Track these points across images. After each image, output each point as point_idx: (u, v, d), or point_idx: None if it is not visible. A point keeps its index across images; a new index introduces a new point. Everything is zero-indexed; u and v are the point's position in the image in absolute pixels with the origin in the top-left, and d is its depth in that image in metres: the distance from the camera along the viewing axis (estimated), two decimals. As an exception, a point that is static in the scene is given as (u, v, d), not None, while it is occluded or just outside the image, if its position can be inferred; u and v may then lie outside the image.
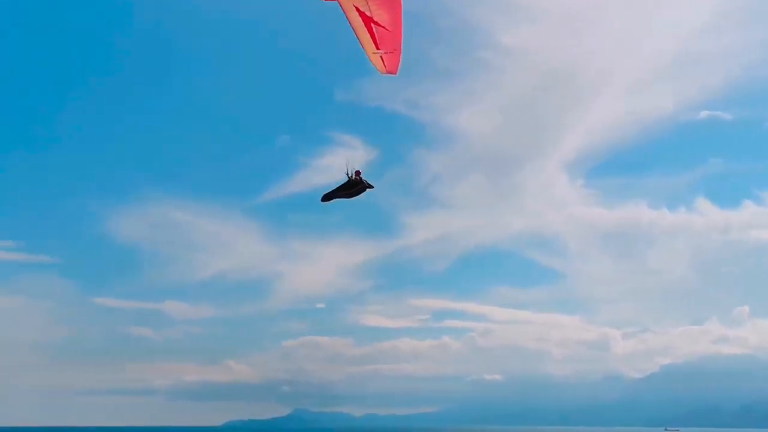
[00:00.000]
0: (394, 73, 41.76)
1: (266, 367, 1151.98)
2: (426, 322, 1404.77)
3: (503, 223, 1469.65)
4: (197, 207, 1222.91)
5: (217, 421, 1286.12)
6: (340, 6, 39.03)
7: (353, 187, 42.04)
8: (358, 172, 42.06)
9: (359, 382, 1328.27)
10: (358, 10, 38.84)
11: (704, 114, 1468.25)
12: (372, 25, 39.51)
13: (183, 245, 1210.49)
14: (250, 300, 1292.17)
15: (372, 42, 40.17)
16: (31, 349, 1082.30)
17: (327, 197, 42.10)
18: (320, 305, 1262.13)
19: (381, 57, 40.92)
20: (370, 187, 42.35)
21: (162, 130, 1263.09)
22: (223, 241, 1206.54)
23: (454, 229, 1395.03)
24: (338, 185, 42.09)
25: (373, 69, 41.83)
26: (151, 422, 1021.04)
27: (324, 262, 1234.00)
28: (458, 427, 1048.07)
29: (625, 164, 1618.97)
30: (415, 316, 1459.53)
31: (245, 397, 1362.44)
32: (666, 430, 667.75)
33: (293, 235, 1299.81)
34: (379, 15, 39.17)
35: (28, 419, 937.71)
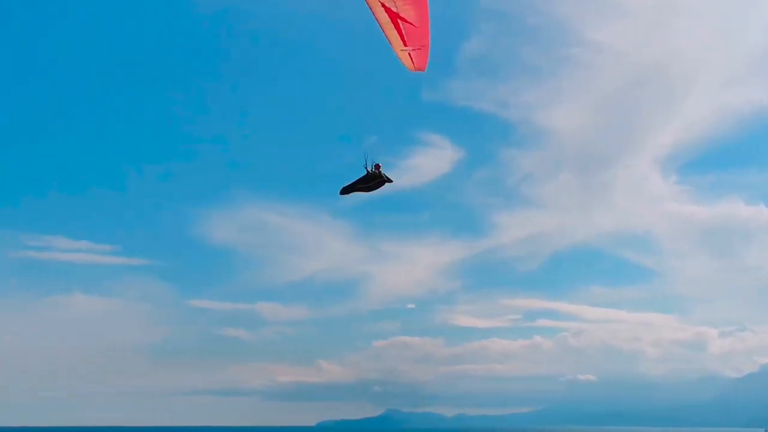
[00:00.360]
0: (423, 69, 41.15)
1: (358, 367, 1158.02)
2: (517, 322, 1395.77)
3: (595, 221, 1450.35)
4: (287, 209, 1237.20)
5: (311, 421, 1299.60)
6: (366, 2, 38.55)
7: (372, 180, 41.60)
8: (377, 166, 41.61)
9: (450, 383, 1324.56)
10: (383, 6, 38.32)
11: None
12: (399, 21, 38.96)
13: (274, 247, 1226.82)
14: (341, 300, 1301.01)
15: (399, 39, 39.61)
16: (130, 350, 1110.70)
17: (345, 190, 41.75)
18: (410, 305, 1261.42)
19: (409, 54, 40.35)
20: (389, 180, 41.84)
21: (251, 133, 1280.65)
22: (313, 243, 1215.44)
23: (545, 228, 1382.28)
24: (357, 178, 41.73)
25: (461, 69, 41.61)
26: (245, 422, 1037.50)
27: (414, 263, 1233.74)
28: (551, 427, 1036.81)
29: (720, 159, 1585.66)
30: (506, 316, 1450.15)
31: (338, 397, 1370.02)
32: (766, 431, 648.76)
33: (382, 235, 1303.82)
34: (406, 11, 38.58)
35: (127, 419, 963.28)
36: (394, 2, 38.20)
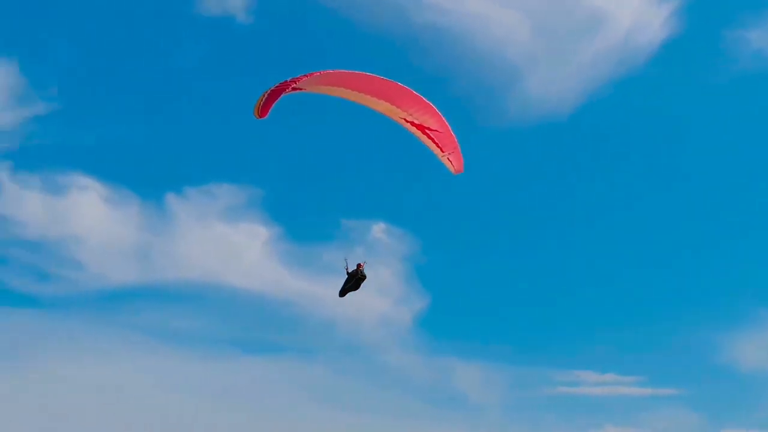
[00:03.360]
0: (462, 171, 42.37)
1: None
2: None
3: None
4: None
5: None
6: (402, 125, 41.89)
7: (352, 279, 41.83)
8: (359, 265, 41.82)
9: None
10: (406, 120, 41.34)
11: None
12: (427, 131, 41.62)
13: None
14: None
15: (436, 146, 41.87)
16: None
17: (341, 294, 41.92)
18: None
19: (448, 158, 42.20)
20: (363, 277, 41.72)
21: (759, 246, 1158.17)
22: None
23: None
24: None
25: None
26: None
27: None
28: None
29: None
30: None
31: None
32: None
33: None
34: (426, 121, 40.54)
35: None
36: (414, 116, 41.14)
